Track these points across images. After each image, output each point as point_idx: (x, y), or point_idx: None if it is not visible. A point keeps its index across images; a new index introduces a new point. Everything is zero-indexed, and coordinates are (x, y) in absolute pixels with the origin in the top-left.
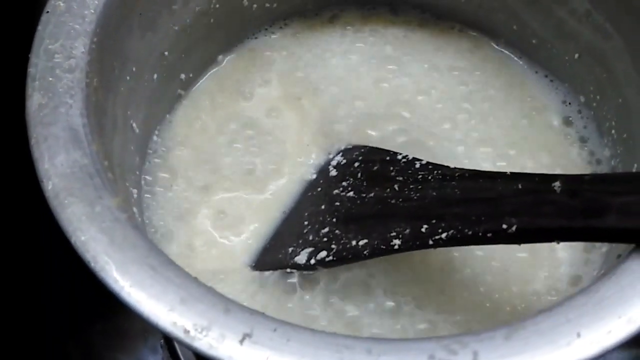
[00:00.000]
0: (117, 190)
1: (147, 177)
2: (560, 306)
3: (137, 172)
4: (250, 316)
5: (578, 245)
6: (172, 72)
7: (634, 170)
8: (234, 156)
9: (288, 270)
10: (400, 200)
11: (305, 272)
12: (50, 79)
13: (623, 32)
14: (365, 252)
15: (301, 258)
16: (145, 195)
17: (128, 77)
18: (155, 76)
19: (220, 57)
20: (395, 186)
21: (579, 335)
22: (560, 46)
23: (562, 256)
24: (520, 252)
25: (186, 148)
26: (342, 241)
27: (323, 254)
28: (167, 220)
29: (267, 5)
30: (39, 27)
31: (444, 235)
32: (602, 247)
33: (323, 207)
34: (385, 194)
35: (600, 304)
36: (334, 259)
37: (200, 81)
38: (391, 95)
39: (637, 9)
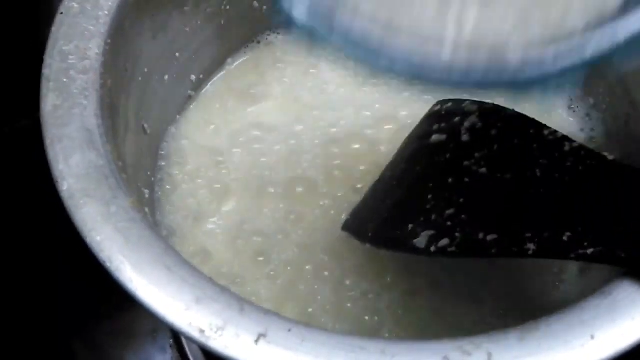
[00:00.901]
0: (131, 190)
1: (158, 178)
2: (573, 308)
3: (149, 173)
4: (265, 316)
5: None
6: (182, 73)
7: None
8: (243, 157)
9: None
10: (542, 190)
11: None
12: (65, 80)
13: None
14: (493, 250)
15: (421, 241)
16: (156, 195)
17: (140, 78)
18: (166, 77)
19: (230, 58)
20: (538, 171)
21: (592, 337)
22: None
23: None
24: None
25: (196, 148)
26: (467, 230)
27: (445, 241)
28: (177, 220)
29: (277, 6)
30: (53, 28)
31: (590, 251)
32: None
33: (451, 180)
34: (524, 179)
35: (613, 306)
36: (456, 250)
37: (211, 82)
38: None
39: None
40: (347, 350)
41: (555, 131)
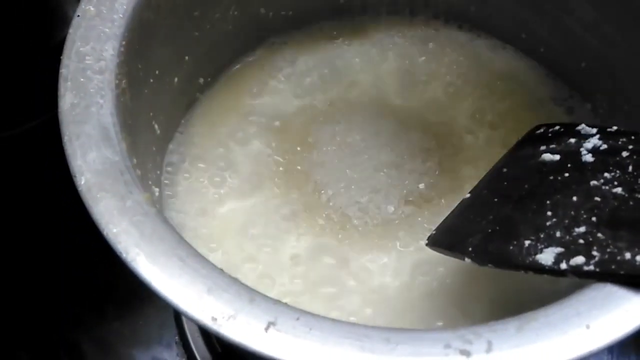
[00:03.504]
0: (144, 186)
1: (167, 176)
2: (570, 300)
3: (158, 172)
4: (274, 306)
5: None
6: (191, 76)
7: None
8: (249, 158)
9: (523, 271)
10: None
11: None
12: (82, 79)
13: (630, 41)
14: None
15: (546, 258)
16: (165, 193)
17: (151, 80)
18: (175, 79)
19: (236, 61)
20: None
21: (588, 327)
22: (568, 54)
23: None
24: None
25: (203, 149)
26: (608, 250)
27: (579, 259)
28: (185, 218)
29: (283, 12)
30: (70, 30)
31: None
32: None
33: (575, 199)
34: None
35: (608, 298)
36: (597, 269)
37: (217, 84)
38: (404, 94)
39: None
40: (353, 338)
41: None
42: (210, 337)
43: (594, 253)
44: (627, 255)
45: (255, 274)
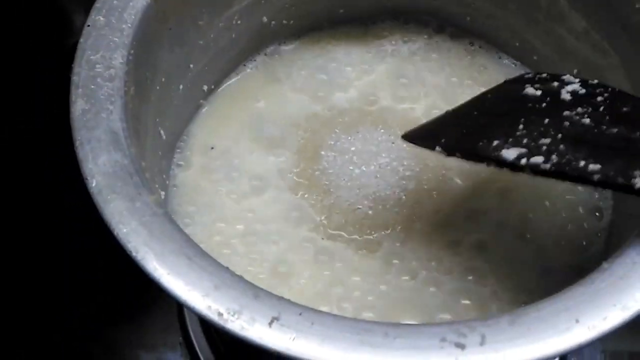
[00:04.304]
0: (152, 188)
1: (172, 180)
2: (560, 295)
3: (164, 176)
4: (277, 302)
5: None
6: (195, 83)
7: None
8: (251, 163)
9: (485, 163)
10: None
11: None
12: (92, 86)
13: (619, 49)
14: (594, 177)
15: (509, 153)
16: (170, 198)
17: (158, 87)
18: (181, 87)
19: (239, 69)
20: None
21: (577, 321)
22: (560, 62)
23: None
24: None
25: (207, 154)
26: (566, 157)
27: (539, 159)
28: (190, 220)
29: (285, 22)
30: (81, 39)
31: None
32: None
33: (546, 121)
34: (633, 136)
35: (596, 293)
36: (552, 169)
37: (220, 92)
38: (402, 101)
39: (631, 28)
40: (353, 332)
41: None
42: (213, 338)
43: (553, 157)
44: (582, 163)
45: (259, 272)
